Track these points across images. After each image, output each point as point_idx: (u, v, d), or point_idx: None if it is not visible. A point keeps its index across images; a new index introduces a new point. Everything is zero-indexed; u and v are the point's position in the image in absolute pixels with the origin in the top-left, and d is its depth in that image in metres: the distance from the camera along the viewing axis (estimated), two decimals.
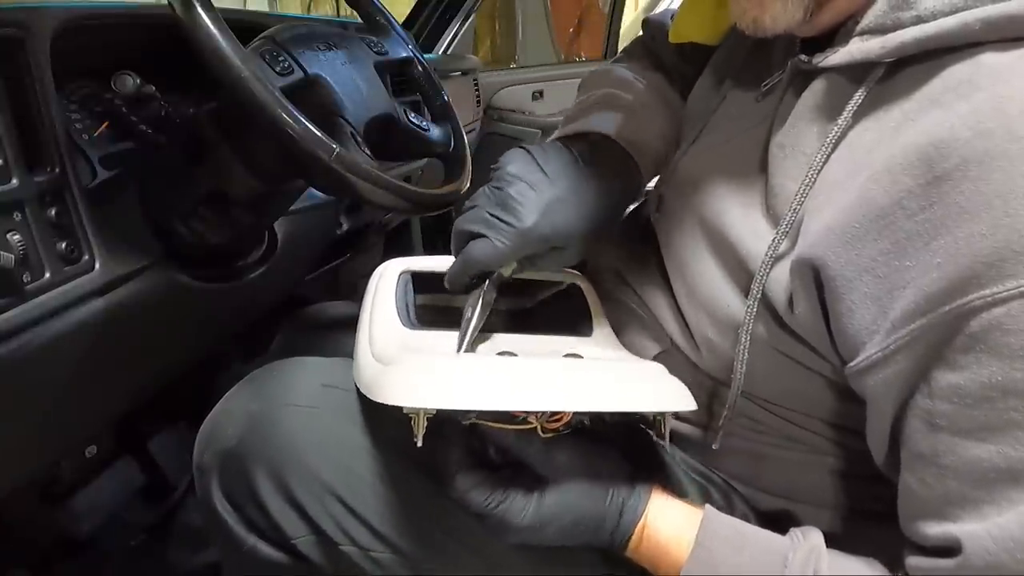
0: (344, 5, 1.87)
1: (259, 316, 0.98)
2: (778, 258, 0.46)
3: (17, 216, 0.54)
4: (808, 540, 0.45)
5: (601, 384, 0.46)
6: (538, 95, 2.08)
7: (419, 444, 0.43)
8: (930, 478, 0.39)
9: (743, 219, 0.50)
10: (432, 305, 0.66)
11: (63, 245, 0.57)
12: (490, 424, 0.46)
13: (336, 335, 0.81)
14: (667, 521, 0.47)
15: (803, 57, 0.48)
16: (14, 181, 0.54)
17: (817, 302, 0.44)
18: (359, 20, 0.89)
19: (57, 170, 0.58)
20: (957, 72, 0.37)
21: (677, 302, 0.59)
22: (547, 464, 0.47)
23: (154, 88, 0.70)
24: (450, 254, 0.56)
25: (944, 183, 0.36)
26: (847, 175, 0.42)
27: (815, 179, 0.44)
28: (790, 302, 0.46)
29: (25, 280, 0.54)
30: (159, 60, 0.74)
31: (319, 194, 0.93)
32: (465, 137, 0.87)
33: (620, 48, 2.56)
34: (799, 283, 0.44)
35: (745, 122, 0.54)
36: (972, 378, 0.36)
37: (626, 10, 2.45)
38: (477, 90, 1.79)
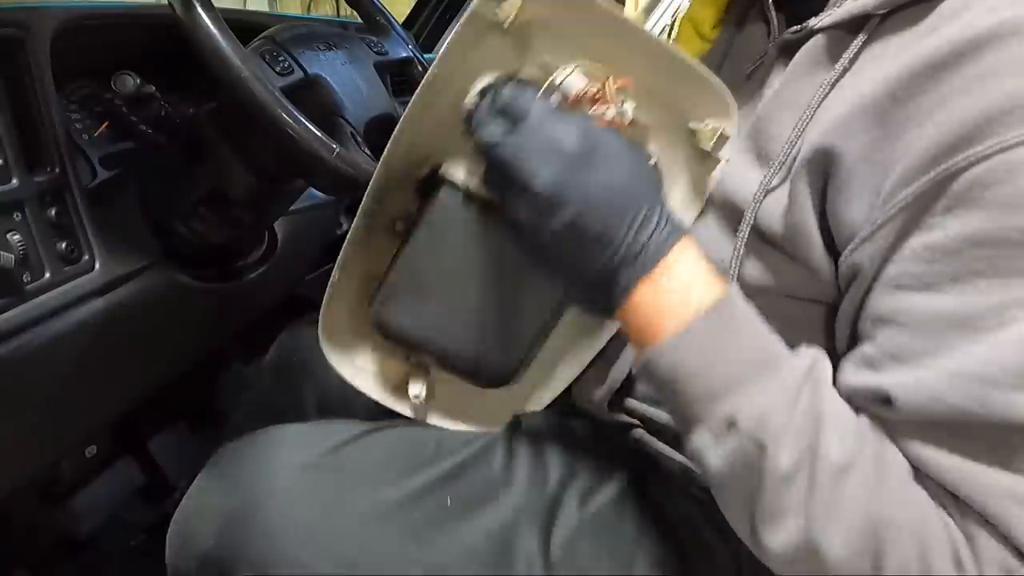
0: (344, 5, 1.87)
1: (259, 316, 0.98)
2: (770, 191, 0.47)
3: (17, 216, 0.54)
4: (813, 357, 0.42)
5: None
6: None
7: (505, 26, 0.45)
8: (882, 337, 0.40)
9: (733, 174, 0.51)
10: None
11: (63, 245, 0.57)
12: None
13: None
14: (687, 269, 0.43)
15: (792, 29, 0.49)
16: (14, 181, 0.54)
17: (819, 200, 0.44)
18: (359, 20, 0.89)
19: (57, 170, 0.58)
20: (949, 5, 0.40)
21: None
22: (594, 136, 0.43)
23: (154, 88, 0.70)
24: None
25: (932, 76, 0.38)
26: (847, 99, 0.43)
27: (812, 115, 0.45)
28: (789, 214, 0.46)
29: (25, 280, 0.54)
30: (159, 60, 0.74)
31: (319, 194, 0.93)
32: None
33: None
34: (804, 181, 0.44)
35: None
36: (946, 234, 0.37)
37: (626, 10, 2.45)
38: None
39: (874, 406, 0.40)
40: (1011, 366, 0.35)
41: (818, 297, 0.48)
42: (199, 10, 0.54)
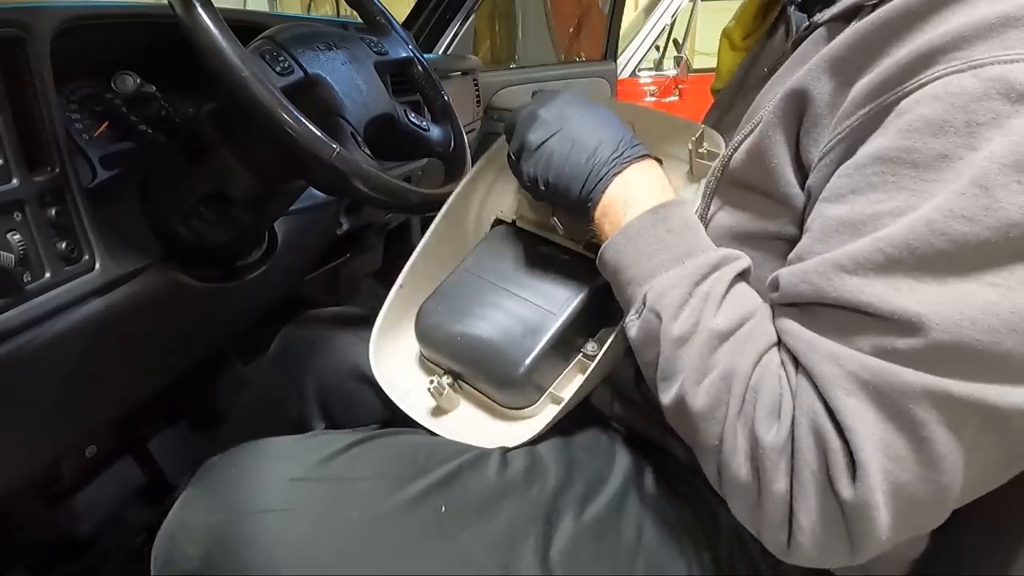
0: (344, 5, 1.87)
1: (259, 316, 0.98)
2: (742, 143, 0.53)
3: (17, 216, 0.54)
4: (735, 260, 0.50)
5: None
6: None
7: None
8: (799, 248, 0.46)
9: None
10: None
11: (63, 245, 0.57)
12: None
13: (335, 340, 0.80)
14: (642, 182, 0.55)
15: (803, 27, 0.54)
16: (14, 181, 0.54)
17: (793, 139, 0.49)
18: (359, 20, 0.89)
19: (57, 170, 0.58)
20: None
21: None
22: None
23: (154, 88, 0.70)
24: None
25: (890, 33, 0.44)
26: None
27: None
28: (760, 145, 0.51)
29: (25, 280, 0.54)
30: (159, 60, 0.74)
31: (319, 194, 0.93)
32: (465, 137, 0.87)
33: (620, 48, 2.57)
34: (780, 124, 0.49)
35: (750, 100, 0.59)
36: (862, 153, 0.42)
37: (626, 10, 2.45)
38: (477, 90, 1.79)
39: (770, 291, 0.47)
40: (860, 257, 0.40)
41: (780, 232, 0.52)
42: (199, 10, 0.54)
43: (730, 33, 0.69)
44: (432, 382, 0.64)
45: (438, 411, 0.65)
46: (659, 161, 0.59)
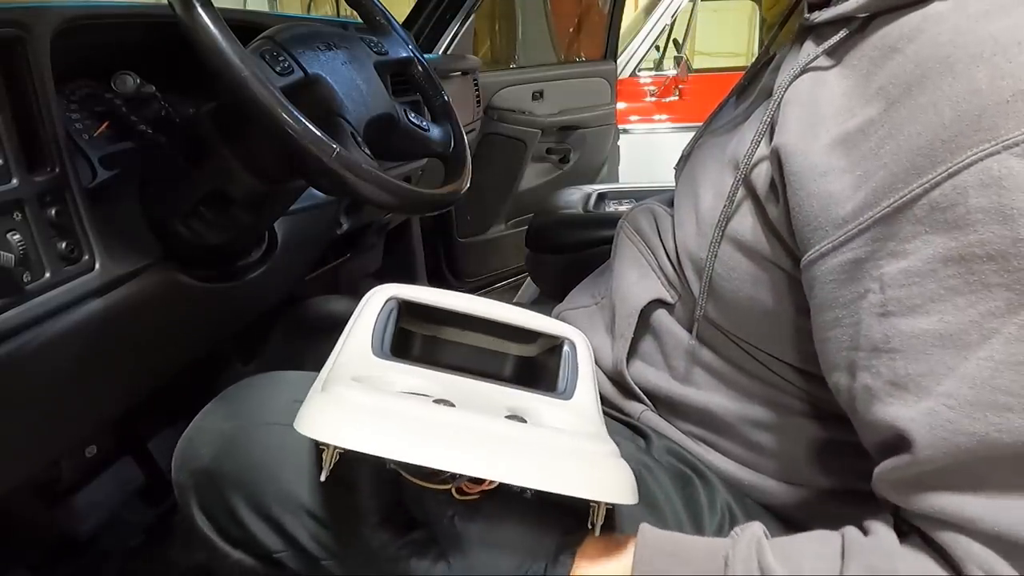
0: (344, 5, 1.87)
1: (259, 316, 0.98)
2: (760, 155, 0.52)
3: (17, 216, 0.54)
4: (746, 533, 0.45)
5: (527, 456, 0.42)
6: (538, 95, 2.08)
7: (322, 479, 0.42)
8: (883, 367, 0.42)
9: (745, 138, 0.55)
10: (417, 334, 0.65)
11: (63, 245, 0.57)
12: (408, 477, 0.44)
13: (333, 333, 0.80)
14: (600, 569, 0.46)
15: (807, 16, 0.54)
16: (14, 181, 0.54)
17: (782, 191, 0.49)
18: (359, 20, 0.89)
19: (57, 170, 0.58)
20: (911, 21, 0.44)
21: (676, 243, 0.62)
22: (457, 536, 0.46)
23: (154, 88, 0.70)
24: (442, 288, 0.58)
25: (892, 107, 0.42)
26: (823, 98, 0.48)
27: (784, 91, 0.50)
28: (768, 189, 0.51)
29: (25, 280, 0.54)
30: (159, 60, 0.74)
31: (319, 194, 0.93)
32: (465, 137, 0.87)
33: (620, 48, 2.57)
34: (770, 167, 0.50)
35: (762, 85, 0.60)
36: (919, 257, 0.40)
37: (626, 10, 2.45)
38: (477, 90, 1.79)
39: (893, 456, 0.42)
40: (1005, 386, 0.37)
41: (787, 268, 0.52)
42: (199, 10, 0.54)
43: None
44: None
45: None
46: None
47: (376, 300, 0.60)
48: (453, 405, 0.46)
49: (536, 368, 0.65)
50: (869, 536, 0.43)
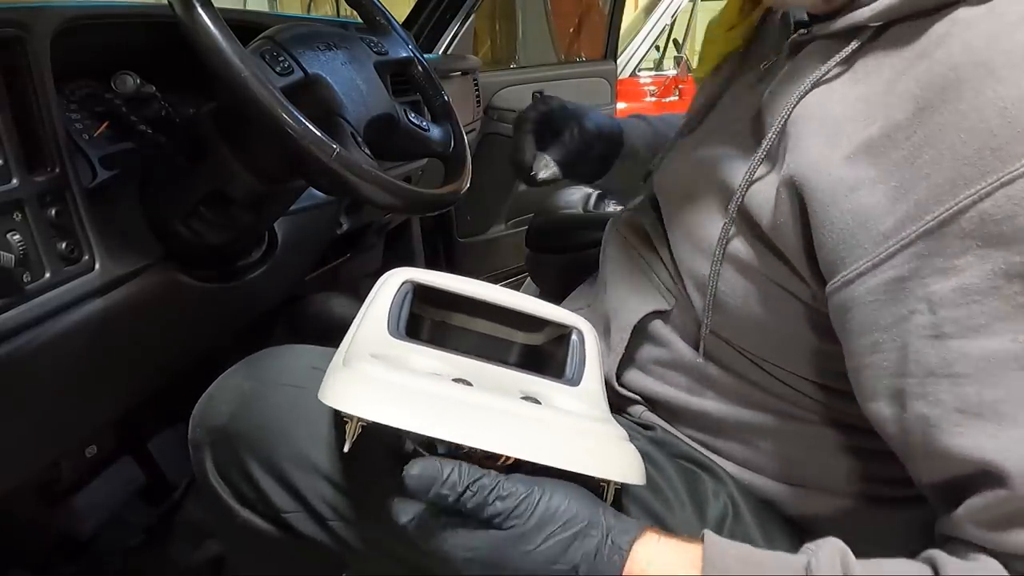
0: (344, 5, 1.87)
1: (259, 316, 0.98)
2: (757, 179, 0.50)
3: (17, 216, 0.54)
4: (828, 543, 0.42)
5: (543, 433, 0.43)
6: (538, 95, 2.08)
7: (345, 450, 0.42)
8: (944, 393, 0.39)
9: (732, 156, 0.54)
10: (427, 318, 0.66)
11: (63, 245, 0.57)
12: (426, 454, 0.44)
13: (335, 330, 0.80)
14: (663, 561, 0.43)
15: (802, 31, 0.52)
16: (14, 181, 0.54)
17: (799, 216, 0.46)
18: (359, 20, 0.89)
19: (57, 170, 0.58)
20: (938, 28, 0.42)
21: (673, 255, 0.61)
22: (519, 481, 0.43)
23: (154, 88, 0.70)
24: (453, 271, 0.57)
25: (926, 111, 0.40)
26: (835, 108, 0.46)
27: (792, 110, 0.48)
28: (774, 217, 0.48)
29: (25, 280, 0.54)
30: (159, 60, 0.74)
31: (319, 194, 0.93)
32: (465, 137, 0.87)
33: (620, 47, 2.57)
34: (785, 194, 0.47)
35: (744, 101, 0.58)
36: (975, 274, 0.37)
37: (626, 10, 2.45)
38: (477, 90, 1.79)
39: (976, 492, 0.39)
40: None
41: (797, 294, 0.50)
42: (199, 10, 0.54)
43: (714, 24, 0.67)
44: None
45: None
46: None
47: (392, 282, 0.60)
48: (471, 385, 0.47)
49: (543, 356, 0.65)
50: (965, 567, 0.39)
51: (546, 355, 0.65)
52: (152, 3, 0.82)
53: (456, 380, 0.47)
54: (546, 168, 0.76)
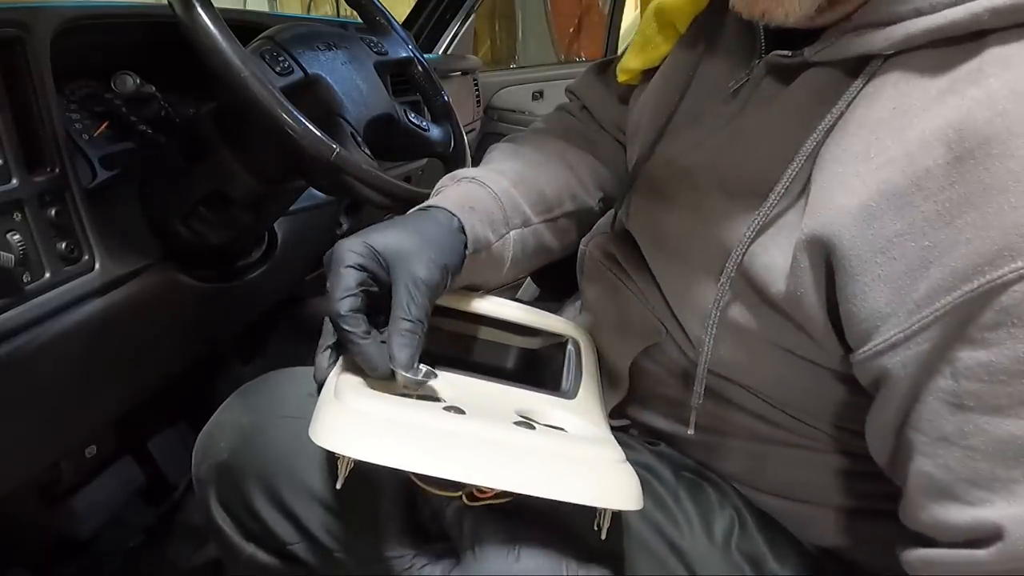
0: (344, 5, 1.87)
1: (259, 316, 0.98)
2: (760, 237, 0.46)
3: (17, 216, 0.54)
4: None
5: (535, 464, 0.42)
6: (538, 95, 2.08)
7: (338, 487, 0.43)
8: (954, 462, 0.38)
9: (723, 211, 0.49)
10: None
11: (63, 245, 0.57)
12: (420, 484, 0.45)
13: None
14: None
15: (786, 52, 0.47)
16: (14, 181, 0.54)
17: (823, 282, 0.42)
18: (359, 20, 0.89)
19: (57, 170, 0.58)
20: (966, 61, 0.38)
21: (662, 291, 0.58)
22: (470, 540, 0.46)
23: (154, 88, 0.70)
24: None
25: (965, 163, 0.36)
26: (852, 158, 0.41)
27: (804, 161, 0.44)
28: (790, 285, 0.44)
29: (25, 280, 0.54)
30: (159, 60, 0.74)
31: (319, 194, 0.93)
32: (465, 137, 0.87)
33: (620, 47, 2.56)
34: (806, 262, 0.43)
35: (713, 121, 0.53)
36: (1005, 353, 0.35)
37: (626, 10, 2.45)
38: (477, 90, 1.79)
39: (978, 547, 0.37)
40: None
41: (818, 361, 0.47)
42: (199, 10, 0.54)
43: (674, 13, 0.59)
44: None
45: None
46: None
47: None
48: (463, 411, 0.46)
49: (541, 361, 0.65)
50: None
51: (544, 359, 0.65)
52: (152, 3, 0.82)
53: (448, 408, 0.47)
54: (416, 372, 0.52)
